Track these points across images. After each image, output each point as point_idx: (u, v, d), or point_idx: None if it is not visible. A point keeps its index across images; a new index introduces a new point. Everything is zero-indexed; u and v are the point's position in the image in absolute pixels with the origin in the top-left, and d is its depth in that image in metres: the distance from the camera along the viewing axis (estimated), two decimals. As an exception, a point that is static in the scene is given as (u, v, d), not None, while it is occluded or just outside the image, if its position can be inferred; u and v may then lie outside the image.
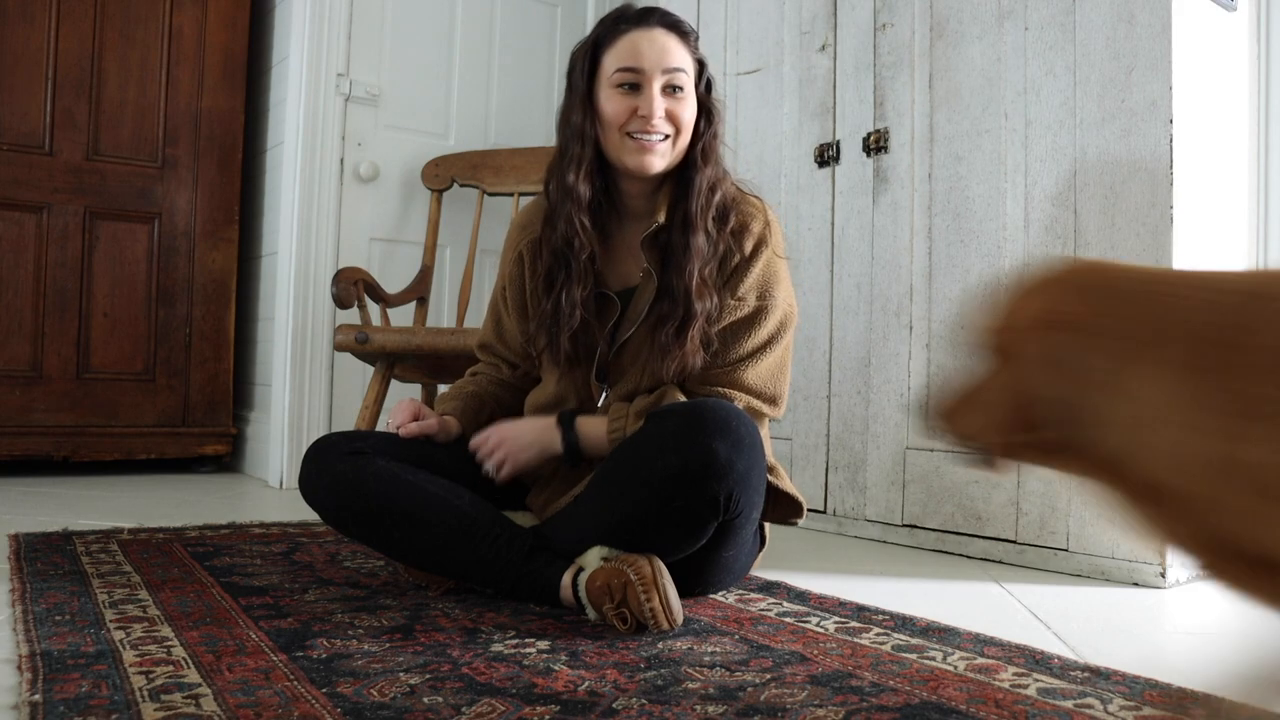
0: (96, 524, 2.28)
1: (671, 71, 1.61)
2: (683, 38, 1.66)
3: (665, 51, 1.61)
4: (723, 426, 1.45)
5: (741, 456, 1.45)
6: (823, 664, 1.28)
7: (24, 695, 1.07)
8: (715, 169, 1.67)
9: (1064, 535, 2.07)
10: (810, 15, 2.70)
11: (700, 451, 1.42)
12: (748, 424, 1.49)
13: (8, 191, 3.11)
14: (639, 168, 1.62)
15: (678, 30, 1.66)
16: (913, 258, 2.41)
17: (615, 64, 1.62)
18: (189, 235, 3.39)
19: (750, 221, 1.68)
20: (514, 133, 3.62)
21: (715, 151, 1.68)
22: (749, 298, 1.66)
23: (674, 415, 1.49)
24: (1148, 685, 1.21)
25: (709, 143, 1.67)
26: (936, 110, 2.37)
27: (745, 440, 1.47)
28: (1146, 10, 1.96)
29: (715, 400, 1.54)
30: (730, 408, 1.51)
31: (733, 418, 1.47)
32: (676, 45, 1.64)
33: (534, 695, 1.12)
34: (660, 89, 1.61)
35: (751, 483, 1.49)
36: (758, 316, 1.66)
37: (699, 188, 1.63)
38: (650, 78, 1.60)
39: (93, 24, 3.22)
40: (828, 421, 2.60)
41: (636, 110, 1.60)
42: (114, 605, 1.49)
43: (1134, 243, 1.97)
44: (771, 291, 1.68)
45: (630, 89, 1.61)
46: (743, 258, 1.66)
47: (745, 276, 1.66)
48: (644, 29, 1.63)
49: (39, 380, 3.16)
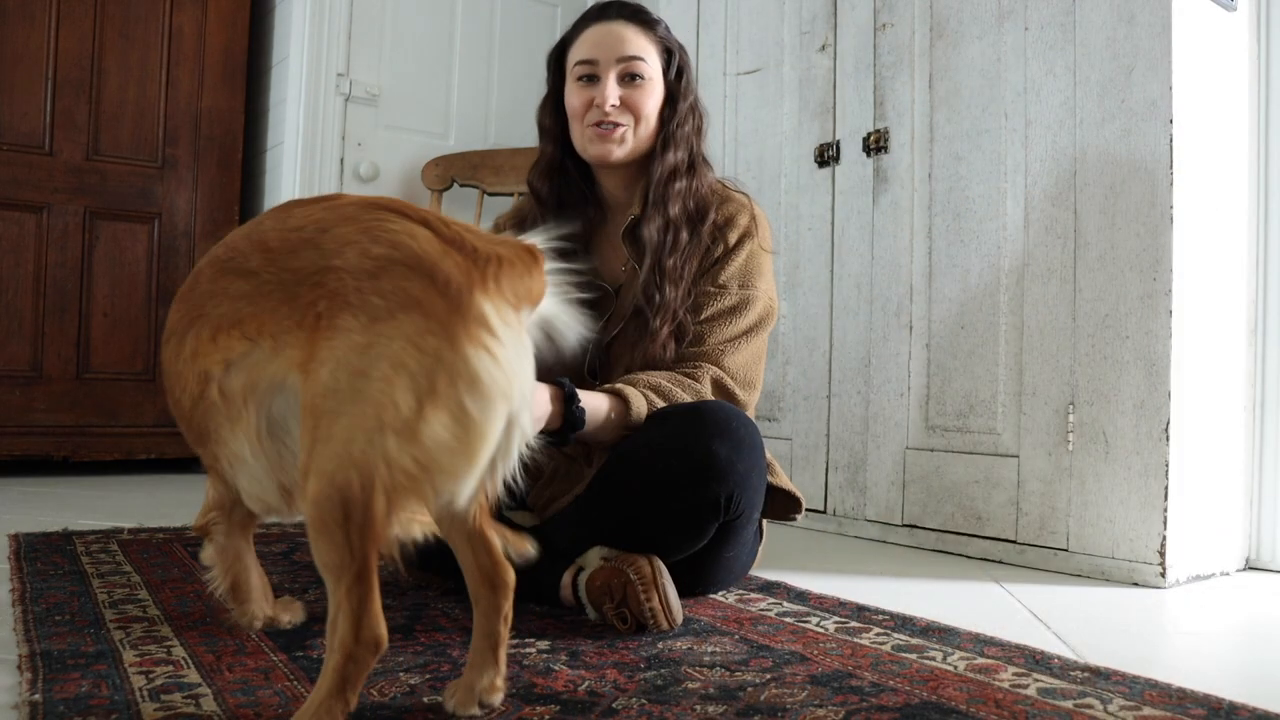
0: (96, 524, 2.27)
1: (627, 60, 1.63)
2: (643, 26, 1.66)
3: (620, 41, 1.63)
4: (723, 428, 1.45)
5: (742, 458, 1.45)
6: (823, 664, 1.28)
7: (24, 695, 1.06)
8: (678, 155, 1.66)
9: (1064, 535, 2.06)
10: (810, 15, 2.70)
11: (701, 453, 1.42)
12: (747, 425, 1.49)
13: (8, 191, 3.11)
14: (599, 157, 1.65)
15: (637, 19, 1.66)
16: (913, 258, 2.41)
17: (576, 58, 1.66)
18: (189, 235, 3.39)
19: (736, 215, 1.69)
20: (514, 133, 3.62)
21: (681, 138, 1.67)
22: (731, 286, 1.66)
23: (674, 417, 1.49)
24: (1148, 685, 1.21)
25: (674, 130, 1.66)
26: (936, 110, 2.37)
27: (745, 441, 1.47)
28: (1146, 10, 1.96)
29: (715, 401, 1.54)
30: (730, 408, 1.51)
31: (733, 419, 1.47)
32: (634, 34, 1.64)
33: (534, 695, 1.12)
34: (616, 78, 1.63)
35: (752, 483, 1.49)
36: (741, 306, 1.66)
37: (657, 176, 1.64)
38: (606, 68, 1.63)
39: (93, 24, 3.22)
40: (828, 421, 2.60)
41: (594, 100, 1.63)
42: (114, 605, 1.49)
43: (1134, 243, 1.97)
44: (754, 282, 1.68)
45: (588, 81, 1.65)
46: (726, 248, 1.67)
47: (727, 266, 1.67)
48: (602, 22, 1.66)
49: (39, 380, 3.16)
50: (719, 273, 1.66)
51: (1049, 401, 2.11)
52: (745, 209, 1.70)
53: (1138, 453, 1.95)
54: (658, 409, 1.53)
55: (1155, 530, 1.92)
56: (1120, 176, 2.00)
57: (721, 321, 1.65)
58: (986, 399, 2.24)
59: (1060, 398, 2.09)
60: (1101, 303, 2.02)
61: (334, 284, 0.95)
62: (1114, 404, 1.99)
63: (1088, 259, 2.05)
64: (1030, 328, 2.15)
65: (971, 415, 2.27)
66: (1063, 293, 2.09)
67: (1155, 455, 1.92)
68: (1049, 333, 2.11)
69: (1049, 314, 2.12)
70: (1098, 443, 2.01)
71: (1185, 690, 1.19)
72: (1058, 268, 2.11)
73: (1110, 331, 2.00)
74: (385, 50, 3.40)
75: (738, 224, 1.68)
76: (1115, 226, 2.01)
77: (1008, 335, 2.20)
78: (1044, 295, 2.13)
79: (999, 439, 2.21)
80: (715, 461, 1.42)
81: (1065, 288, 2.09)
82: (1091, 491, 2.02)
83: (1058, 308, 2.10)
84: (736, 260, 1.67)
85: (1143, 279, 1.95)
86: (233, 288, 1.06)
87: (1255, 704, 1.14)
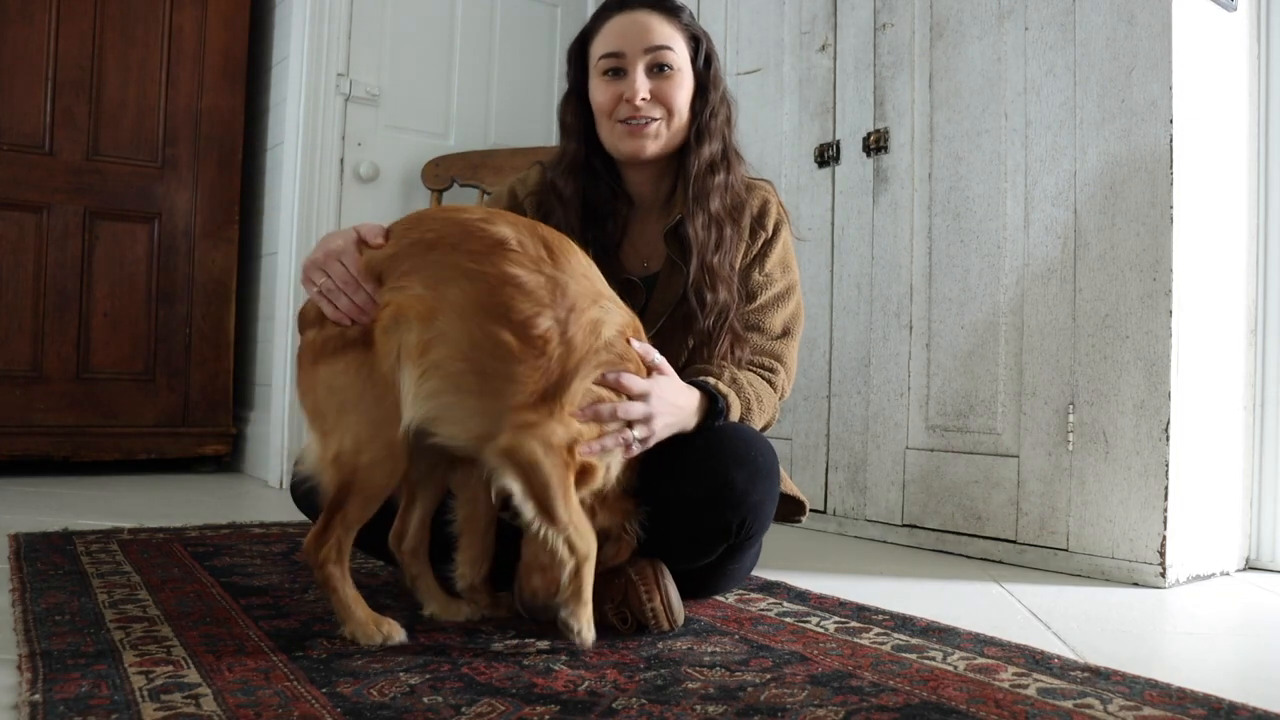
0: (96, 524, 2.27)
1: (655, 50, 1.56)
2: (668, 14, 1.59)
3: (646, 30, 1.56)
4: (742, 455, 1.43)
5: (757, 486, 1.44)
6: (823, 664, 1.28)
7: (24, 695, 1.06)
8: (713, 148, 1.61)
9: (1064, 535, 2.06)
10: (810, 15, 2.69)
11: (718, 481, 1.41)
12: (766, 451, 1.47)
13: (8, 191, 3.11)
14: (631, 153, 1.59)
15: (662, 7, 1.59)
16: (913, 258, 2.41)
17: (599, 51, 1.59)
18: (189, 235, 3.39)
19: (768, 204, 1.67)
20: (514, 133, 3.62)
21: (715, 130, 1.62)
22: (775, 273, 1.66)
23: (696, 442, 1.45)
24: (1148, 685, 1.21)
25: (706, 121, 1.60)
26: (936, 110, 2.37)
27: (763, 469, 1.45)
28: (1146, 10, 1.96)
29: (736, 426, 1.50)
30: (750, 434, 1.48)
31: (752, 446, 1.45)
32: (660, 23, 1.58)
33: (534, 695, 1.12)
34: (645, 70, 1.56)
35: (765, 510, 1.49)
36: (787, 293, 1.67)
37: (695, 171, 1.58)
38: (633, 60, 1.56)
39: (93, 24, 3.22)
40: (828, 421, 2.60)
41: (622, 95, 1.56)
42: (114, 605, 1.49)
43: (1134, 242, 1.97)
44: (792, 266, 1.69)
45: (615, 75, 1.57)
46: (767, 236, 1.66)
47: (770, 253, 1.66)
48: (625, 12, 1.58)
49: (39, 380, 3.16)
50: (764, 261, 1.65)
51: (1049, 401, 2.11)
52: (772, 196, 1.69)
53: (1138, 453, 1.95)
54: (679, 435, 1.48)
55: (1155, 530, 1.92)
56: (1120, 176, 2.00)
57: (773, 309, 1.65)
58: (986, 399, 2.24)
59: (1060, 398, 2.09)
60: (1101, 303, 2.02)
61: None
62: (1114, 404, 1.99)
63: (1088, 259, 2.05)
64: (1030, 328, 2.15)
65: (971, 415, 2.27)
66: (1063, 293, 2.09)
67: (1155, 455, 1.92)
68: (1049, 333, 2.11)
69: (1049, 314, 2.12)
70: (1098, 443, 2.01)
71: (1185, 690, 1.19)
72: (1058, 268, 2.11)
73: (1110, 331, 2.00)
74: (385, 50, 3.40)
75: (771, 211, 1.67)
76: (1115, 226, 2.01)
77: (1008, 335, 2.20)
78: (1044, 295, 2.13)
79: (999, 439, 2.21)
80: (732, 490, 1.42)
81: (1065, 288, 2.09)
82: (1091, 491, 2.02)
83: (1058, 308, 2.10)
84: (776, 248, 1.66)
85: (1143, 279, 1.95)
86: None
87: (1255, 704, 1.14)
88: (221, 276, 3.43)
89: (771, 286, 1.65)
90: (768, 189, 1.70)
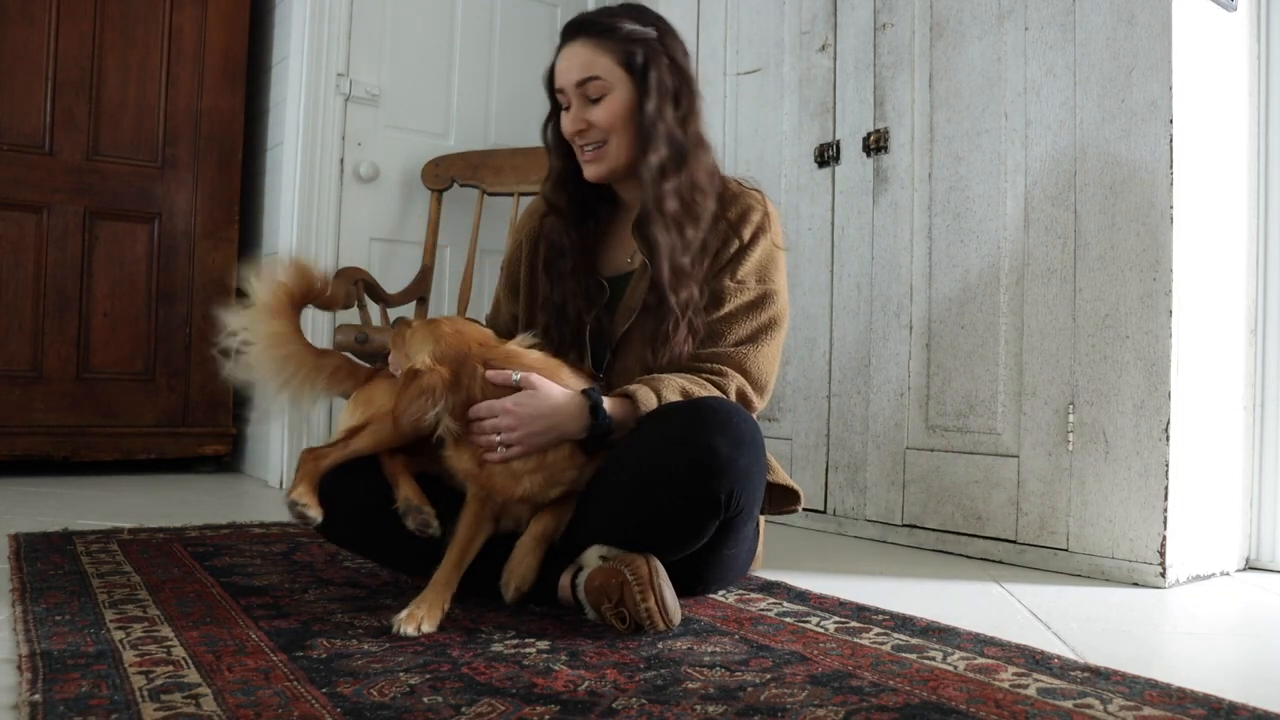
0: (96, 524, 2.28)
1: (583, 84, 1.64)
2: (600, 37, 1.64)
3: (572, 67, 1.64)
4: (723, 423, 1.44)
5: (742, 453, 1.45)
6: (823, 664, 1.28)
7: (24, 695, 1.07)
8: (660, 153, 1.63)
9: (1064, 535, 2.07)
10: (810, 15, 2.70)
11: (701, 449, 1.42)
12: (748, 420, 1.49)
13: (8, 191, 3.11)
14: (591, 177, 1.71)
15: (592, 32, 1.65)
16: (913, 258, 2.41)
17: (554, 87, 1.70)
18: (189, 235, 3.39)
19: (750, 211, 1.70)
20: (514, 133, 3.62)
21: (660, 134, 1.62)
22: (749, 281, 1.67)
23: (674, 414, 1.49)
24: (1148, 685, 1.21)
25: (649, 129, 1.62)
26: (936, 110, 2.37)
27: (746, 437, 1.46)
28: (1146, 10, 1.96)
29: (715, 398, 1.54)
30: (730, 404, 1.51)
31: (733, 415, 1.47)
32: (588, 51, 1.63)
33: (534, 695, 1.12)
34: (579, 102, 1.65)
35: (753, 480, 1.49)
36: (760, 302, 1.67)
37: (647, 180, 1.64)
38: (570, 95, 1.66)
39: (93, 24, 3.22)
40: (828, 421, 2.60)
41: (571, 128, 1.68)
42: (114, 605, 1.49)
43: (1134, 242, 1.97)
44: (771, 276, 1.69)
45: (566, 108, 1.68)
46: (741, 244, 1.68)
47: (744, 261, 1.67)
48: (566, 46, 1.67)
49: (39, 380, 3.16)
50: (737, 268, 1.67)
51: (1049, 401, 2.11)
52: (759, 205, 1.71)
53: (1138, 453, 1.95)
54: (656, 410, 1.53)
55: (1155, 530, 1.92)
56: (1120, 176, 2.00)
57: (741, 318, 1.66)
58: (986, 399, 2.24)
59: (1060, 398, 2.09)
60: (1101, 303, 2.02)
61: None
62: (1114, 404, 1.99)
63: (1088, 259, 2.05)
64: (1030, 328, 2.15)
65: (971, 415, 2.27)
66: (1063, 293, 2.09)
67: (1155, 455, 1.92)
68: (1049, 333, 2.11)
69: (1049, 314, 2.12)
70: (1098, 443, 2.01)
71: (1185, 690, 1.19)
72: (1058, 268, 2.11)
73: (1110, 331, 2.00)
74: (385, 50, 3.40)
75: (751, 220, 1.69)
76: (1115, 226, 2.01)
77: (1008, 335, 2.20)
78: (1044, 295, 2.13)
79: (999, 439, 2.21)
80: (716, 457, 1.42)
81: (1065, 288, 2.09)
82: (1091, 491, 2.02)
83: (1058, 308, 2.10)
84: (753, 255, 1.68)
85: (1143, 279, 1.96)
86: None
87: (1255, 704, 1.14)
88: (221, 276, 3.43)
89: (743, 294, 1.66)
90: (755, 198, 1.72)
